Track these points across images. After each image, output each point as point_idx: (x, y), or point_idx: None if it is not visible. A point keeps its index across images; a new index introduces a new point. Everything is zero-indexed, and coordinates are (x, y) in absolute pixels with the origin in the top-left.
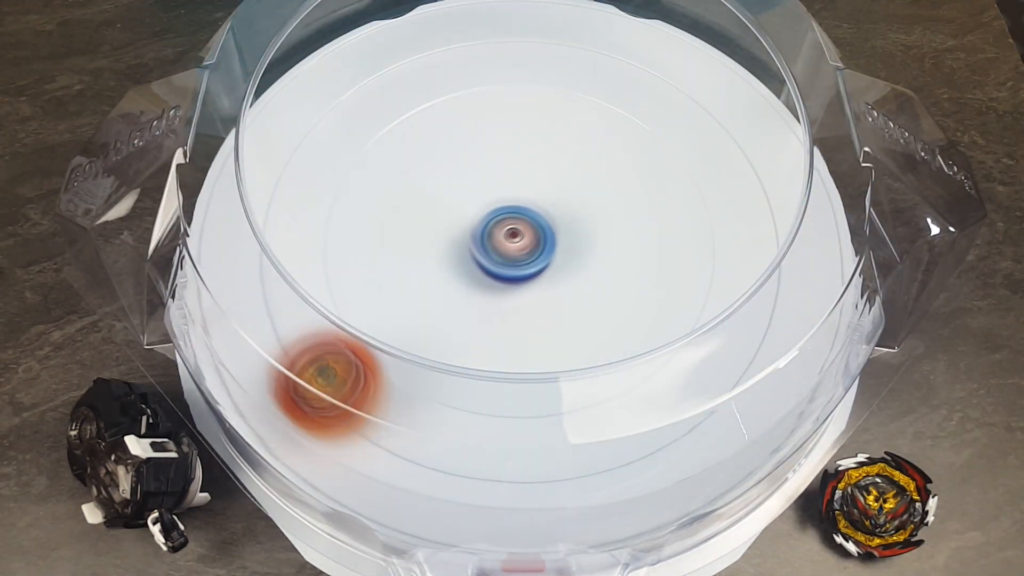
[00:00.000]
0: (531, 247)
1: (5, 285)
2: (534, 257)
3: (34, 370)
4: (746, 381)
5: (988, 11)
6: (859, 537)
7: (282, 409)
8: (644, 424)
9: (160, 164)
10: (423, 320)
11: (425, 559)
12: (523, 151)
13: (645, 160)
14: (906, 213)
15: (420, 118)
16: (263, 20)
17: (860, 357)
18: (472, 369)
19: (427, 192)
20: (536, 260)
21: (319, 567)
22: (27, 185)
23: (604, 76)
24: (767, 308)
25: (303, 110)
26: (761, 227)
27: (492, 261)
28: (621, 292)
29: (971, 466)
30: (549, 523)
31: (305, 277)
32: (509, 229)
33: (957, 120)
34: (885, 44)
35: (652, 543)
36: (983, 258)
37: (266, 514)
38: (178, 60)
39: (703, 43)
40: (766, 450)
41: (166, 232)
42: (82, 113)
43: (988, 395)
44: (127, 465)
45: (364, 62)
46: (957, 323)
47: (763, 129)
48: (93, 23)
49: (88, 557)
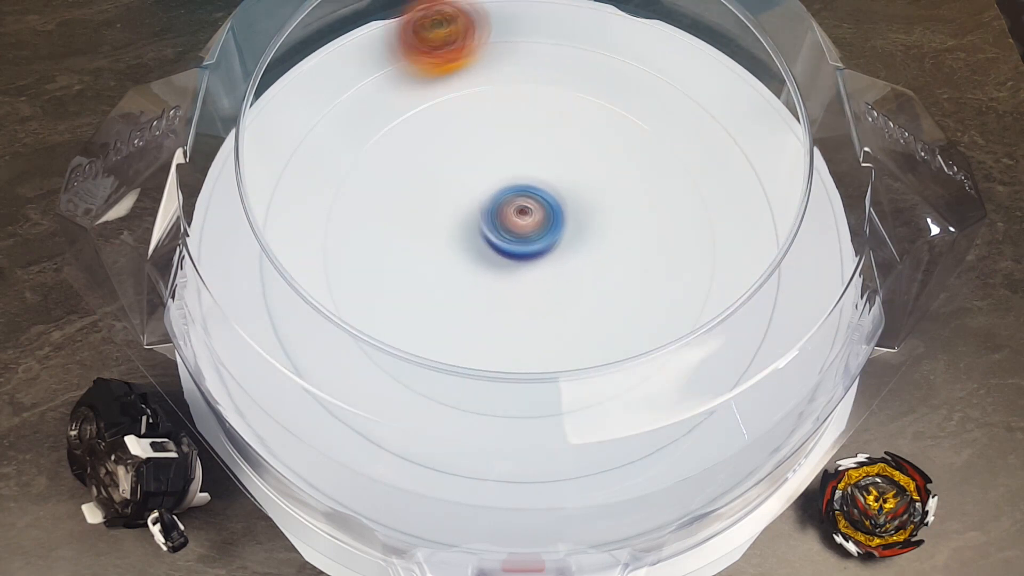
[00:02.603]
0: (539, 225)
1: (5, 285)
2: (543, 234)
3: (34, 370)
4: (746, 381)
5: (988, 11)
6: (859, 537)
7: (405, 56)
8: (644, 424)
9: (160, 164)
10: (424, 319)
11: (425, 559)
12: (523, 151)
13: (645, 160)
14: (906, 213)
15: (420, 118)
16: (263, 20)
17: (860, 357)
18: (473, 369)
19: (426, 191)
20: (544, 237)
21: (319, 567)
22: (27, 185)
23: (604, 76)
24: (767, 308)
25: (303, 110)
26: (761, 227)
27: (501, 237)
28: (621, 292)
29: (971, 466)
30: (549, 523)
31: (305, 277)
32: (519, 206)
33: (957, 120)
34: (885, 44)
35: (652, 543)
36: (983, 258)
37: (266, 514)
38: (178, 60)
39: (703, 43)
40: (766, 450)
41: (166, 232)
42: (82, 113)
43: (988, 395)
44: (127, 465)
45: (364, 62)
46: (957, 323)
47: (763, 129)
48: (93, 23)
49: (88, 557)
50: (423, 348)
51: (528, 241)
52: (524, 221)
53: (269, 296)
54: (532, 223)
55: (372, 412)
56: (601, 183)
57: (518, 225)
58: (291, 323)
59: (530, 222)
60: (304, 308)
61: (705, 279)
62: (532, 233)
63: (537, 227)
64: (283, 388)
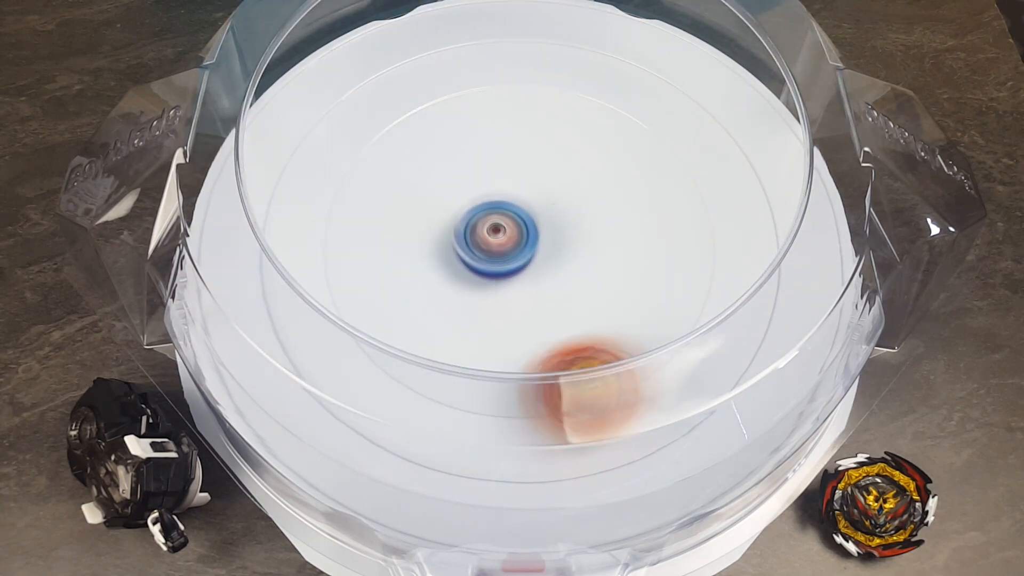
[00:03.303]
0: (513, 242)
1: (5, 285)
2: (517, 251)
3: (34, 370)
4: (746, 381)
5: (988, 11)
6: (859, 537)
7: (549, 416)
8: (644, 424)
9: (160, 164)
10: (424, 318)
11: (425, 559)
12: (524, 151)
13: (645, 160)
14: (906, 213)
15: (420, 118)
16: (263, 20)
17: (860, 357)
18: (473, 369)
19: (427, 190)
20: (518, 255)
21: (319, 567)
22: (27, 185)
23: (604, 76)
24: (767, 308)
25: (303, 110)
26: (761, 227)
27: (474, 257)
28: (621, 292)
29: (971, 466)
30: (549, 523)
31: (305, 277)
32: (492, 224)
33: (957, 120)
34: (885, 44)
35: (652, 543)
36: (983, 258)
37: (266, 514)
38: (178, 60)
39: (703, 43)
40: (766, 450)
41: (166, 232)
42: (82, 113)
43: (988, 395)
44: (127, 465)
45: (364, 62)
46: (957, 323)
47: (763, 129)
48: (93, 23)
49: (88, 557)
50: (423, 348)
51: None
52: (497, 239)
53: (269, 296)
54: (505, 240)
55: (372, 412)
56: (601, 183)
57: (492, 244)
58: (291, 323)
59: (504, 239)
60: (304, 308)
61: (705, 279)
62: (507, 251)
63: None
64: (283, 388)
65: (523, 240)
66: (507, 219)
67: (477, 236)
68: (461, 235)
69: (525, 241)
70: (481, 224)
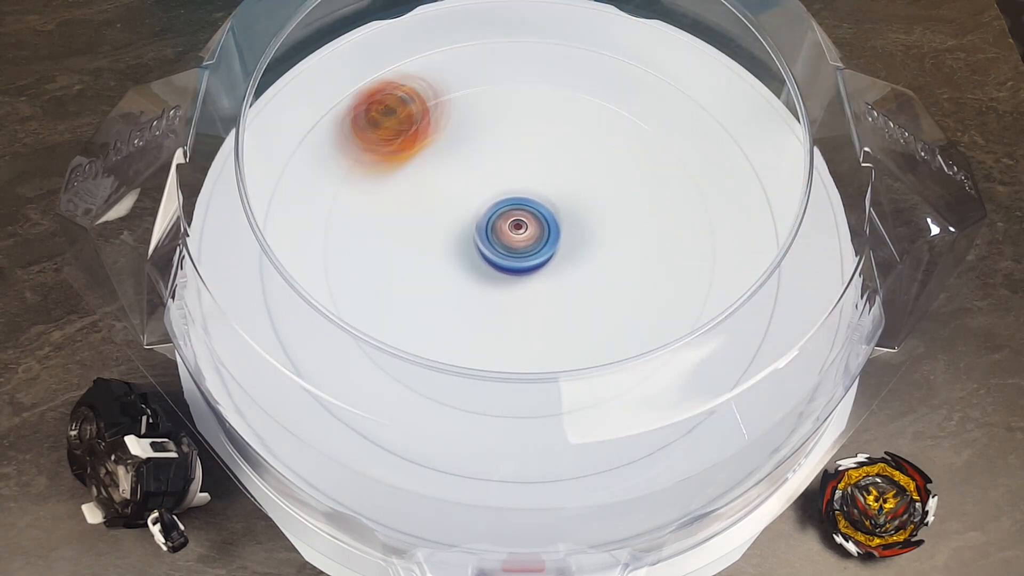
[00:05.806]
0: (535, 239)
1: (5, 285)
2: (538, 248)
3: (34, 370)
4: (746, 381)
5: (988, 11)
6: (859, 537)
7: (358, 143)
8: (644, 424)
9: (160, 164)
10: (424, 318)
11: (425, 559)
12: (524, 150)
13: (645, 160)
14: (906, 213)
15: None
16: (263, 20)
17: (860, 357)
18: (473, 369)
19: (428, 189)
20: (540, 252)
21: (319, 567)
22: (27, 185)
23: (604, 76)
24: (767, 308)
25: (303, 110)
26: (761, 227)
27: (496, 252)
28: (621, 292)
29: (971, 466)
30: (549, 523)
31: (305, 277)
32: (514, 220)
33: (957, 120)
34: (885, 44)
35: (652, 543)
36: (983, 258)
37: (266, 514)
38: (178, 60)
39: (703, 43)
40: (766, 450)
41: (166, 232)
42: (82, 113)
43: (988, 395)
44: (127, 465)
45: (364, 62)
46: (957, 323)
47: (763, 129)
48: (93, 23)
49: (88, 557)
50: (423, 348)
51: (524, 256)
52: (519, 236)
53: (269, 296)
54: (526, 237)
55: (372, 412)
56: (601, 183)
57: (514, 240)
58: (291, 323)
59: (524, 236)
60: (304, 308)
61: (705, 279)
62: (529, 247)
63: (533, 241)
64: (283, 388)
65: (544, 237)
66: (528, 215)
67: (498, 232)
68: (483, 230)
69: (546, 238)
70: (502, 220)
